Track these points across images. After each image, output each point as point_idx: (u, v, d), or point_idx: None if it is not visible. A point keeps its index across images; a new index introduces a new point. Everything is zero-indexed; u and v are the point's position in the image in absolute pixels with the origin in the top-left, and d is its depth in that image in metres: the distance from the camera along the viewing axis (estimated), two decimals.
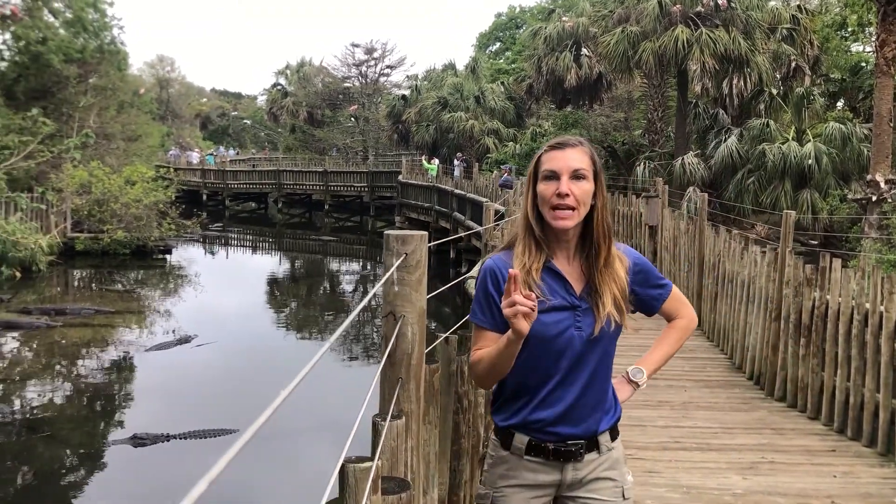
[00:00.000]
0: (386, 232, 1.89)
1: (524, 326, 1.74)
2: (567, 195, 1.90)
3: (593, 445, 2.03)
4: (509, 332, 1.79)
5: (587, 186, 1.94)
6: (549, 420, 1.98)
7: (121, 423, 10.07)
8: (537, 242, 1.97)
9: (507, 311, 1.73)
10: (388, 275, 1.81)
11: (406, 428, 1.75)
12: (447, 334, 2.34)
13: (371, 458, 1.34)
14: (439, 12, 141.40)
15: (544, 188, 1.93)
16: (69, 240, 21.55)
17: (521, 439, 2.01)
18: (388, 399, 1.80)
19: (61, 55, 23.36)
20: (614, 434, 2.10)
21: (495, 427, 2.11)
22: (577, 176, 1.92)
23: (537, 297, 1.87)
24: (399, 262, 1.81)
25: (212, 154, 47.77)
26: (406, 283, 1.85)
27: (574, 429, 2.00)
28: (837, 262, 6.04)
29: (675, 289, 2.22)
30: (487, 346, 1.96)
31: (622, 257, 2.06)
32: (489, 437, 2.13)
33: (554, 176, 1.92)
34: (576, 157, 1.95)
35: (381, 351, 1.88)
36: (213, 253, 28.26)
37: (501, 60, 46.01)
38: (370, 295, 1.51)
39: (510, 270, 1.72)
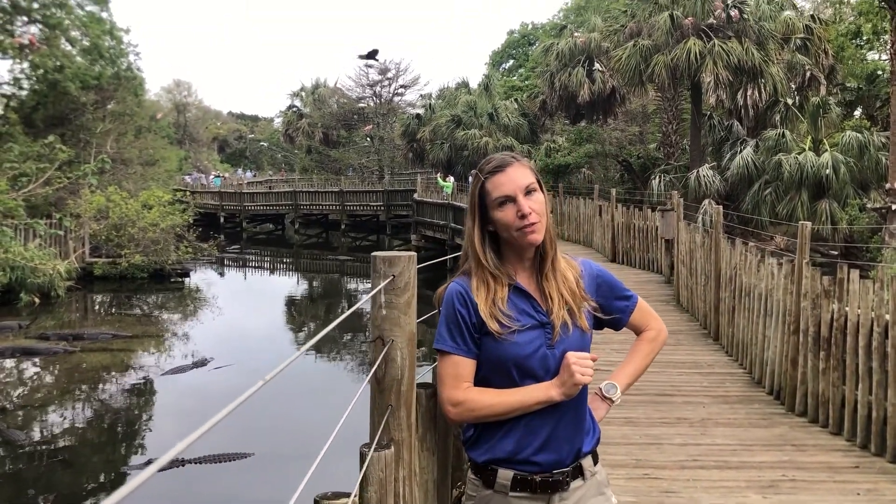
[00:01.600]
0: (373, 253, 1.84)
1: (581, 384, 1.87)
2: (530, 213, 1.88)
3: (578, 472, 1.96)
4: (555, 390, 1.86)
5: (541, 197, 1.93)
6: (533, 450, 1.90)
7: (139, 448, 10.10)
8: (493, 275, 1.92)
9: (574, 372, 1.85)
10: (368, 296, 1.76)
11: (397, 457, 1.69)
12: None
13: (347, 495, 1.29)
14: (452, 32, 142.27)
15: (503, 215, 1.90)
16: (87, 265, 21.74)
17: (505, 475, 1.90)
18: (377, 427, 1.74)
19: (78, 82, 23.69)
20: (596, 457, 2.03)
21: (472, 464, 1.98)
22: (529, 191, 1.90)
23: (507, 324, 1.87)
24: (386, 283, 1.75)
25: (218, 176, 48.17)
26: (394, 306, 1.79)
27: (557, 456, 1.92)
28: (855, 273, 5.91)
29: (641, 300, 2.20)
30: (468, 378, 1.90)
31: (571, 263, 2.04)
32: (466, 475, 1.99)
33: (509, 200, 1.89)
34: (521, 174, 1.92)
35: (369, 377, 1.82)
36: (230, 275, 28.38)
37: (515, 77, 46.11)
38: (345, 314, 1.44)
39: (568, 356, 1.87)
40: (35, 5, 23.59)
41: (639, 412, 6.49)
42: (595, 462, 2.02)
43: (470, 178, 29.52)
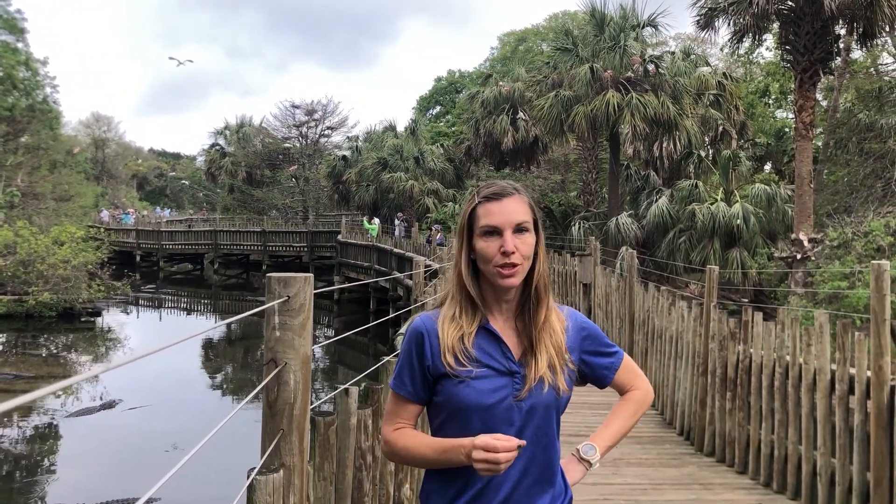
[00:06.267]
0: (268, 274, 1.81)
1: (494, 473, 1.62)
2: (513, 252, 1.70)
3: None
4: (468, 451, 1.62)
5: (530, 240, 1.75)
6: None
7: (38, 497, 9.58)
8: (474, 303, 1.76)
9: (482, 458, 1.59)
10: (256, 310, 1.73)
11: (286, 483, 1.65)
12: (347, 385, 2.25)
13: None
14: (380, 76, 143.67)
15: (485, 246, 1.73)
16: None
17: None
18: (267, 451, 1.69)
19: None
20: None
21: None
22: (519, 229, 1.73)
23: (465, 364, 1.72)
24: (279, 303, 1.72)
25: (127, 213, 47.03)
26: (288, 327, 1.75)
27: None
28: (759, 316, 6.14)
29: (627, 357, 2.02)
30: (407, 419, 1.78)
31: (558, 313, 1.85)
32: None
33: (496, 232, 1.72)
34: (517, 209, 1.75)
35: (261, 400, 1.78)
36: (145, 315, 27.49)
37: (441, 123, 46.73)
38: (215, 325, 1.40)
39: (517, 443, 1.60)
40: None
41: None
42: None
43: (396, 221, 29.74)
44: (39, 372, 15.64)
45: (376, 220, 30.08)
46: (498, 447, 1.59)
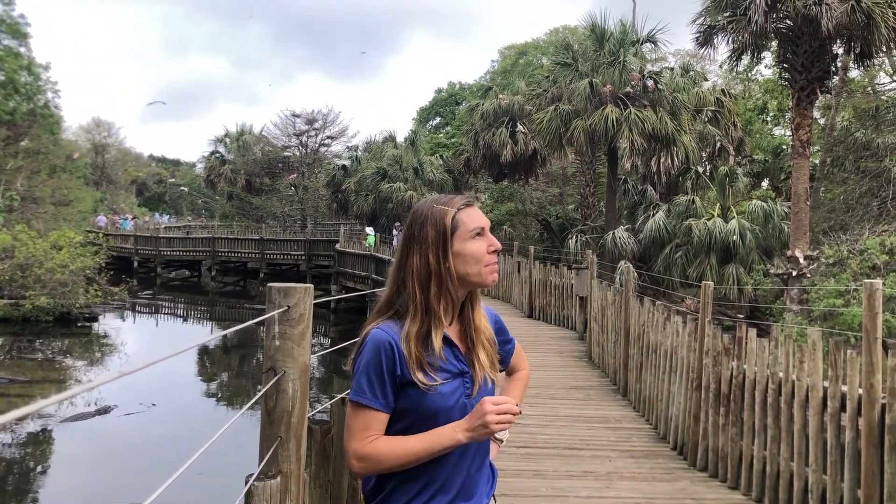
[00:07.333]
0: (269, 284, 1.85)
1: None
2: (498, 248, 1.87)
3: None
4: (463, 434, 1.77)
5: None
6: (449, 502, 1.84)
7: (34, 502, 9.57)
8: (439, 320, 1.83)
9: (498, 419, 1.74)
10: (258, 320, 1.77)
11: (283, 489, 1.68)
12: (343, 395, 2.29)
13: None
14: (382, 86, 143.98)
15: (476, 248, 1.83)
16: None
17: None
18: (265, 458, 1.73)
19: None
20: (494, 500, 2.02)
21: None
22: (490, 229, 1.89)
23: (433, 376, 1.80)
24: (279, 312, 1.77)
25: (125, 219, 47.05)
26: (288, 337, 1.79)
27: (468, 503, 1.88)
28: (753, 332, 6.18)
29: (516, 342, 2.21)
30: (378, 430, 1.78)
31: (481, 309, 1.99)
32: None
33: (482, 232, 1.86)
34: (482, 213, 1.91)
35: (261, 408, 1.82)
36: (142, 321, 27.47)
37: (441, 135, 46.89)
38: (219, 335, 1.44)
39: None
40: None
41: (547, 465, 6.55)
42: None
43: (395, 231, 29.77)
44: (35, 376, 15.64)
45: (370, 229, 30.17)
46: (503, 402, 1.78)
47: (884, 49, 16.63)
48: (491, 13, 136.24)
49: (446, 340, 1.85)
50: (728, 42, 17.06)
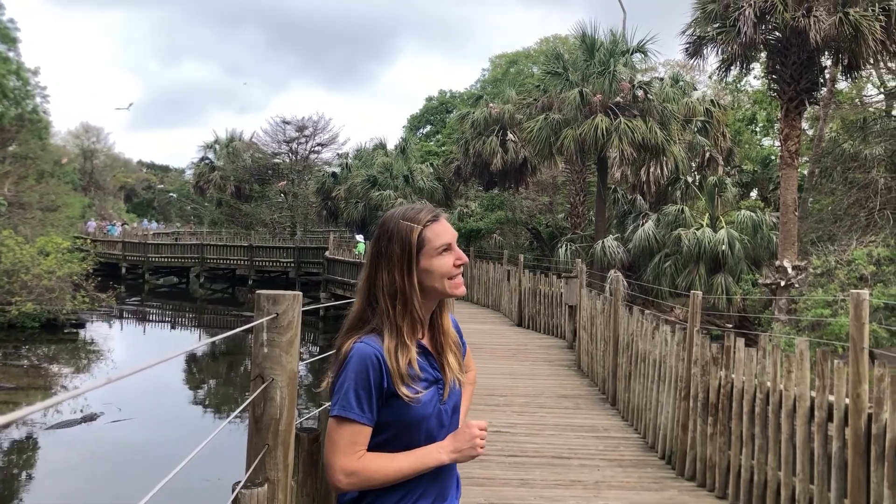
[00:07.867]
0: (258, 291, 1.85)
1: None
2: (465, 262, 1.90)
3: None
4: (447, 455, 1.86)
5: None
6: None
7: None
8: (416, 328, 1.88)
9: (477, 445, 1.86)
10: (246, 327, 1.76)
11: (271, 497, 1.68)
12: (326, 405, 2.28)
13: None
14: (373, 94, 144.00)
15: (443, 263, 1.86)
16: None
17: None
18: (252, 466, 1.72)
19: None
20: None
21: None
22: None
23: (415, 388, 1.84)
24: (268, 319, 1.76)
25: (113, 225, 46.85)
26: (276, 344, 1.79)
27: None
28: (741, 342, 6.20)
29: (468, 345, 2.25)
30: (364, 445, 1.80)
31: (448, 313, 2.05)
32: None
33: (449, 248, 1.88)
34: (451, 226, 1.93)
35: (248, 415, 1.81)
36: (129, 328, 27.31)
37: (431, 143, 46.88)
38: (206, 342, 1.44)
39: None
40: None
41: (535, 474, 6.54)
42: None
43: None
44: (20, 383, 15.52)
45: (360, 237, 30.16)
46: (485, 425, 1.92)
47: (871, 61, 16.79)
48: (482, 22, 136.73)
49: (422, 349, 1.89)
50: (717, 53, 17.18)
